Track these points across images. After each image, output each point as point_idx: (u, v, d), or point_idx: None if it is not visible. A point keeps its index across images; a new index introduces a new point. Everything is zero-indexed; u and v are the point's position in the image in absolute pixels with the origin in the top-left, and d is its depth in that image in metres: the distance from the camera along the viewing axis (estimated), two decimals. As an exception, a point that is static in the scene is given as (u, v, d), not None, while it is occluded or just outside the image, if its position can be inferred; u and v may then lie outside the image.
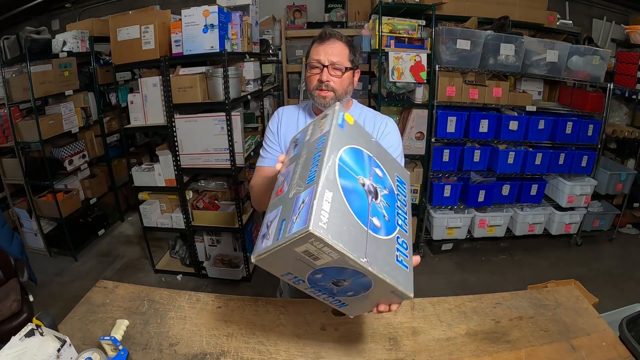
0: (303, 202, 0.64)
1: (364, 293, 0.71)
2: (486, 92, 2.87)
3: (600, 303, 1.86)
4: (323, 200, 0.62)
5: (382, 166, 0.81)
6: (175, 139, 2.52)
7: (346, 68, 1.18)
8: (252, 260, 0.67)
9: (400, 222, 0.78)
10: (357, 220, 0.66)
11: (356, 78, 1.25)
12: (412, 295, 0.70)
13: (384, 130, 1.25)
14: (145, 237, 2.99)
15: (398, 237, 0.75)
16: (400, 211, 0.80)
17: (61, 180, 3.27)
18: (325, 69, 1.16)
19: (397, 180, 0.86)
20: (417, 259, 0.79)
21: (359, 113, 1.31)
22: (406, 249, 0.76)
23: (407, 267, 0.73)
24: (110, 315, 1.13)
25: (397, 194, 0.82)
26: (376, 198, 0.73)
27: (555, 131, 3.00)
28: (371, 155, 0.79)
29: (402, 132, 3.06)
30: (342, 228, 0.62)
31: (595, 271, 2.98)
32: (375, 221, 0.70)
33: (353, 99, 1.33)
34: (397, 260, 0.71)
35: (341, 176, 0.68)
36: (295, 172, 0.74)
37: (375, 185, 0.75)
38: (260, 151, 1.39)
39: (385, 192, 0.78)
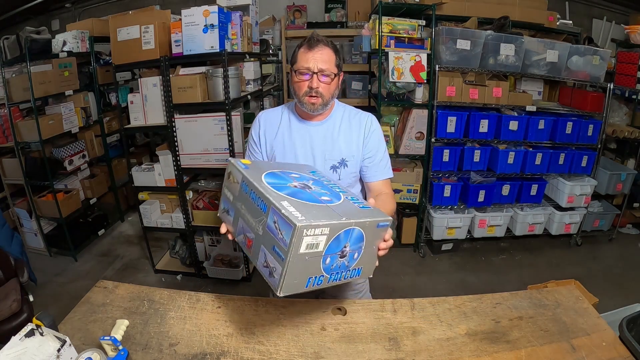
0: (275, 222, 0.76)
1: (362, 246, 0.86)
2: (486, 92, 2.87)
3: (600, 303, 1.86)
4: (285, 207, 0.75)
5: (292, 171, 0.99)
6: (175, 139, 2.52)
7: (334, 74, 1.21)
8: (280, 294, 0.77)
9: (338, 190, 0.97)
10: (315, 204, 0.83)
11: (341, 78, 1.28)
12: (390, 218, 0.91)
13: (371, 128, 1.32)
14: (145, 237, 2.99)
15: (347, 197, 0.94)
16: (332, 186, 0.99)
17: (61, 180, 3.27)
18: (314, 75, 1.18)
19: (310, 172, 1.07)
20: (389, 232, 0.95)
21: (342, 112, 1.33)
22: (358, 199, 0.96)
23: (369, 207, 0.94)
24: (110, 315, 1.13)
25: (319, 179, 1.02)
26: (310, 188, 0.91)
27: (555, 131, 3.00)
28: (280, 170, 0.97)
29: (402, 132, 3.06)
30: (313, 212, 0.77)
31: (595, 271, 2.98)
32: (325, 198, 0.88)
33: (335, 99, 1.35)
34: (361, 207, 0.91)
35: (278, 190, 0.83)
36: (247, 220, 0.85)
37: (302, 182, 0.93)
38: (245, 158, 1.40)
39: (311, 182, 0.96)
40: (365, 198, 1.38)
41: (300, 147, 1.30)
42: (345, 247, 0.81)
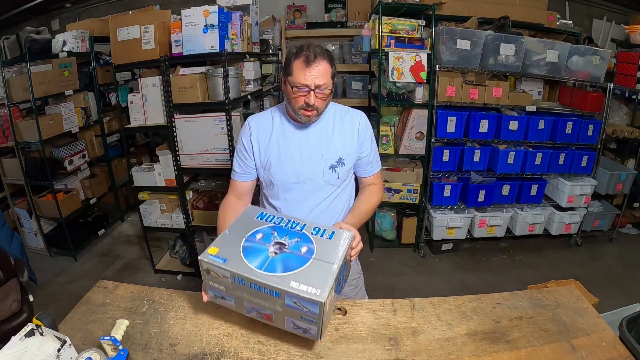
0: (295, 302, 0.85)
1: (345, 263, 1.01)
2: (486, 92, 2.87)
3: (600, 303, 1.86)
4: (298, 288, 0.84)
5: (251, 230, 1.01)
6: (175, 139, 2.52)
7: (331, 87, 1.20)
8: (321, 340, 0.94)
9: (300, 229, 1.03)
10: (307, 264, 0.91)
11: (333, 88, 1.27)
12: (351, 231, 1.08)
13: (366, 126, 1.34)
14: (145, 237, 2.99)
15: (313, 233, 1.02)
16: (293, 226, 1.04)
17: (61, 180, 3.27)
18: (311, 92, 1.16)
19: (261, 219, 1.08)
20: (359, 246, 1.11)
21: (333, 111, 1.33)
22: (320, 228, 1.05)
23: (334, 231, 1.04)
24: (110, 315, 1.13)
25: (278, 225, 1.05)
26: (285, 246, 0.97)
27: (555, 131, 3.00)
28: (237, 234, 1.00)
29: (402, 132, 3.06)
30: (317, 277, 0.87)
31: (595, 271, 2.98)
32: (304, 250, 0.96)
33: None
34: (329, 237, 1.02)
35: (269, 268, 0.89)
36: (257, 303, 0.91)
37: (273, 242, 0.98)
38: (234, 164, 1.41)
39: (276, 234, 1.00)
40: (357, 188, 1.46)
41: (296, 150, 1.29)
42: (343, 271, 1.00)
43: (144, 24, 2.36)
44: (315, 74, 1.15)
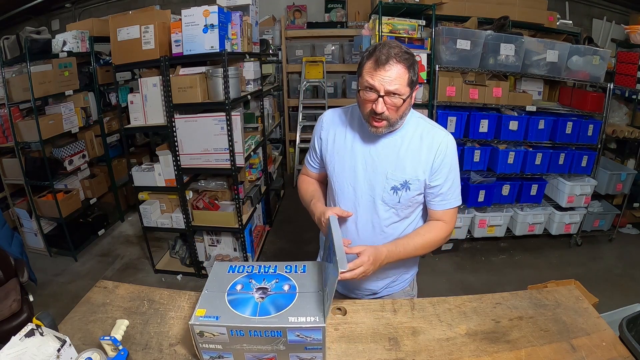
0: (298, 335, 0.88)
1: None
2: (486, 92, 2.87)
3: (600, 303, 1.86)
4: (298, 322, 0.87)
5: (229, 283, 1.03)
6: (175, 139, 2.52)
7: (406, 96, 1.03)
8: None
9: (273, 272, 1.06)
10: (297, 299, 0.95)
11: (415, 95, 1.10)
12: (336, 276, 0.96)
13: (445, 152, 1.13)
14: (145, 237, 2.99)
15: (287, 271, 1.06)
16: (266, 270, 1.07)
17: (61, 180, 3.26)
18: (380, 98, 1.02)
19: (233, 272, 1.08)
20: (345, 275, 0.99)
21: (415, 125, 1.15)
22: (291, 266, 1.08)
23: (304, 269, 1.07)
24: (110, 315, 1.13)
25: (251, 273, 1.06)
26: (267, 289, 0.99)
27: (555, 131, 3.00)
28: (219, 291, 1.00)
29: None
30: (310, 305, 0.92)
31: (595, 271, 2.98)
32: (286, 287, 1.00)
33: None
34: (303, 270, 1.07)
35: (262, 312, 0.91)
36: (257, 350, 0.91)
37: (255, 289, 0.99)
38: (307, 154, 1.36)
39: (254, 282, 1.02)
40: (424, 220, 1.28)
41: (361, 161, 1.17)
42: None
43: (144, 24, 2.36)
44: (386, 77, 1.00)
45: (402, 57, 1.01)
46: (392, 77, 1.00)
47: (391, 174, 1.14)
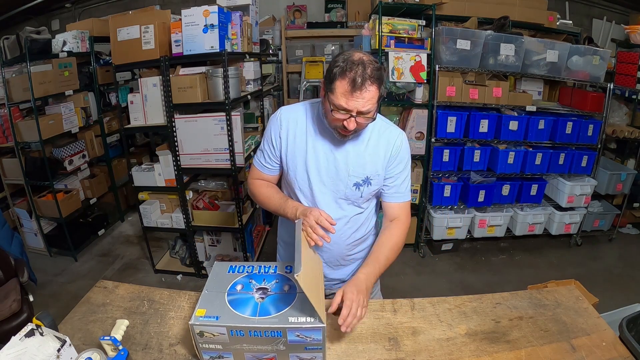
0: (298, 335, 0.88)
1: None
2: (486, 92, 2.87)
3: (600, 303, 1.86)
4: (298, 322, 0.88)
5: (229, 283, 1.03)
6: (175, 139, 2.52)
7: (374, 114, 1.06)
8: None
9: (273, 272, 1.08)
10: (295, 299, 0.95)
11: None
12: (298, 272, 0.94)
13: (400, 147, 1.22)
14: (145, 237, 2.99)
15: (287, 271, 1.07)
16: (265, 270, 1.08)
17: (61, 180, 3.26)
18: (352, 118, 1.03)
19: (233, 271, 1.10)
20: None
21: (372, 125, 1.18)
22: (289, 266, 1.09)
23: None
24: (110, 315, 1.13)
25: (251, 273, 1.07)
26: (267, 290, 1.00)
27: (555, 131, 3.00)
28: (219, 291, 1.00)
29: (402, 132, 3.05)
30: (308, 304, 0.88)
31: (595, 271, 2.98)
32: (286, 288, 1.01)
33: None
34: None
35: (262, 312, 0.91)
36: (257, 350, 0.92)
37: (256, 289, 0.99)
38: (258, 154, 1.31)
39: (254, 281, 1.03)
40: (378, 213, 1.36)
41: (323, 160, 1.18)
42: None
43: (144, 24, 2.36)
44: (359, 100, 0.99)
45: (376, 76, 0.99)
46: (366, 98, 1.00)
47: (353, 171, 1.18)
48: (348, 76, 0.98)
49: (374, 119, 1.09)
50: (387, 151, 1.20)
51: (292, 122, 1.21)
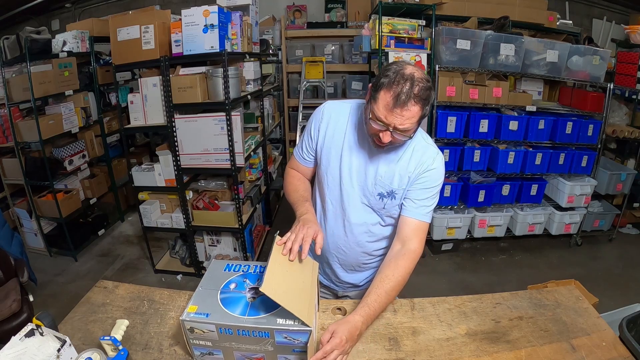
0: (285, 337, 0.87)
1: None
2: (486, 92, 2.87)
3: (600, 303, 1.86)
4: (286, 324, 0.87)
5: (224, 281, 1.02)
6: (175, 139, 2.52)
7: (412, 133, 1.02)
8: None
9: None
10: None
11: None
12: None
13: (432, 165, 1.15)
14: (145, 237, 2.99)
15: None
16: (262, 270, 1.04)
17: (61, 180, 3.26)
18: (388, 131, 0.99)
19: (229, 269, 1.08)
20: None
21: (413, 141, 1.14)
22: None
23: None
24: (110, 315, 1.13)
25: (247, 272, 1.06)
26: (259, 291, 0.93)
27: (555, 131, 3.00)
28: (213, 288, 1.00)
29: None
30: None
31: (595, 271, 2.98)
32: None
33: None
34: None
35: (252, 312, 0.91)
36: (246, 349, 0.91)
37: (248, 289, 0.99)
38: (298, 143, 1.30)
39: (248, 281, 1.02)
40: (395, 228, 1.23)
41: (356, 163, 1.16)
42: None
43: (144, 24, 2.36)
44: (398, 117, 0.96)
45: (422, 95, 0.95)
46: (405, 117, 0.96)
47: (380, 182, 1.15)
48: (393, 90, 0.95)
49: (411, 138, 1.05)
50: (417, 167, 1.14)
51: (334, 118, 1.19)
